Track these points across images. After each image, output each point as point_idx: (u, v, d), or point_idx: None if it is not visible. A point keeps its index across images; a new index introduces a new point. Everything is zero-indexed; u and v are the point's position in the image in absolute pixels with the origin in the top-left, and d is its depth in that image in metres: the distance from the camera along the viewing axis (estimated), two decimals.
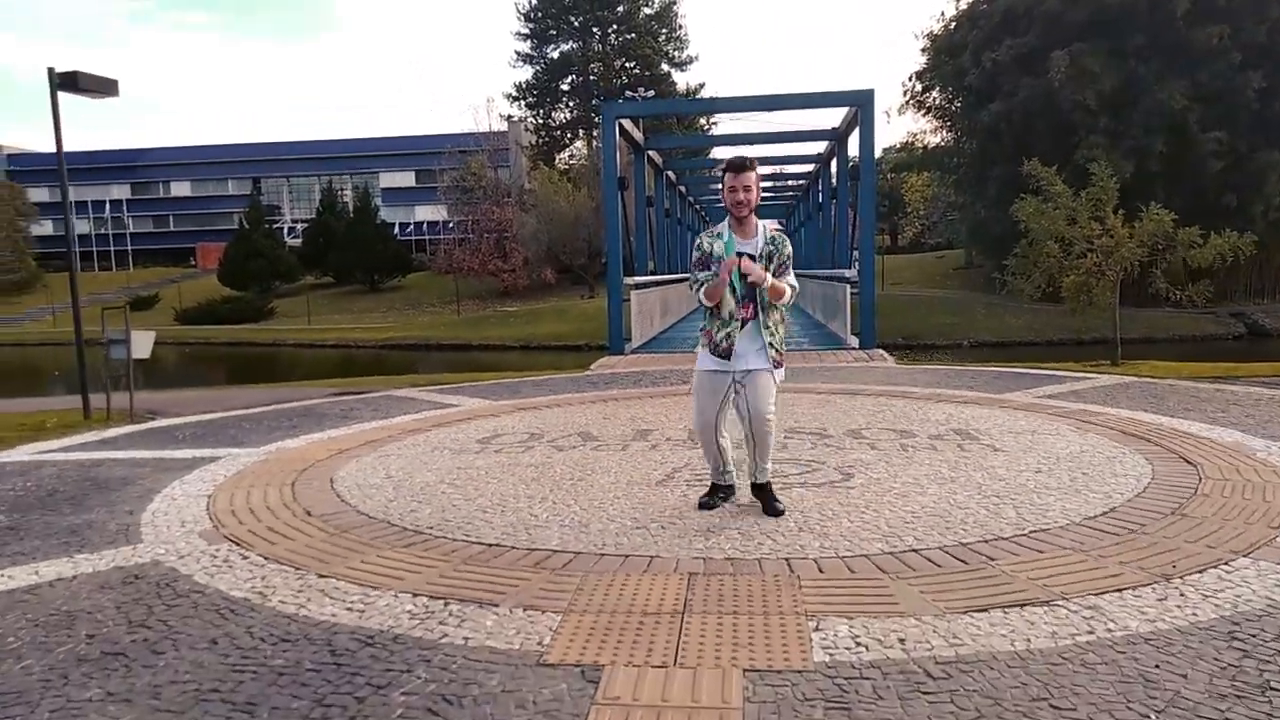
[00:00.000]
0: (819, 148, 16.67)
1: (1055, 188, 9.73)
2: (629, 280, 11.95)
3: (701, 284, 3.91)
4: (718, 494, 4.14)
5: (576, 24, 58.69)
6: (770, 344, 3.92)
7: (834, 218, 15.67)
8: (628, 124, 12.38)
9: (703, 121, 54.83)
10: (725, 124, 42.23)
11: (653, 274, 16.91)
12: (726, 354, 3.89)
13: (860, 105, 11.22)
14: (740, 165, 3.86)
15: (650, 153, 15.32)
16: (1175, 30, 30.30)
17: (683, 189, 22.16)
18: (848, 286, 11.64)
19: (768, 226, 4.04)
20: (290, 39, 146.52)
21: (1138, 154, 31.11)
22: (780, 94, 11.77)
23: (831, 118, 13.39)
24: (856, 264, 12.66)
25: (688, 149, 52.31)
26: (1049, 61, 30.84)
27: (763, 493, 4.08)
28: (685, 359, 11.18)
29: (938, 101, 41.68)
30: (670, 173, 18.95)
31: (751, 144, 15.36)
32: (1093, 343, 29.70)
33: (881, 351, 11.06)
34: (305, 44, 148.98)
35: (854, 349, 11.42)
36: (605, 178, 11.60)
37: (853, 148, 14.77)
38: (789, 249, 4.01)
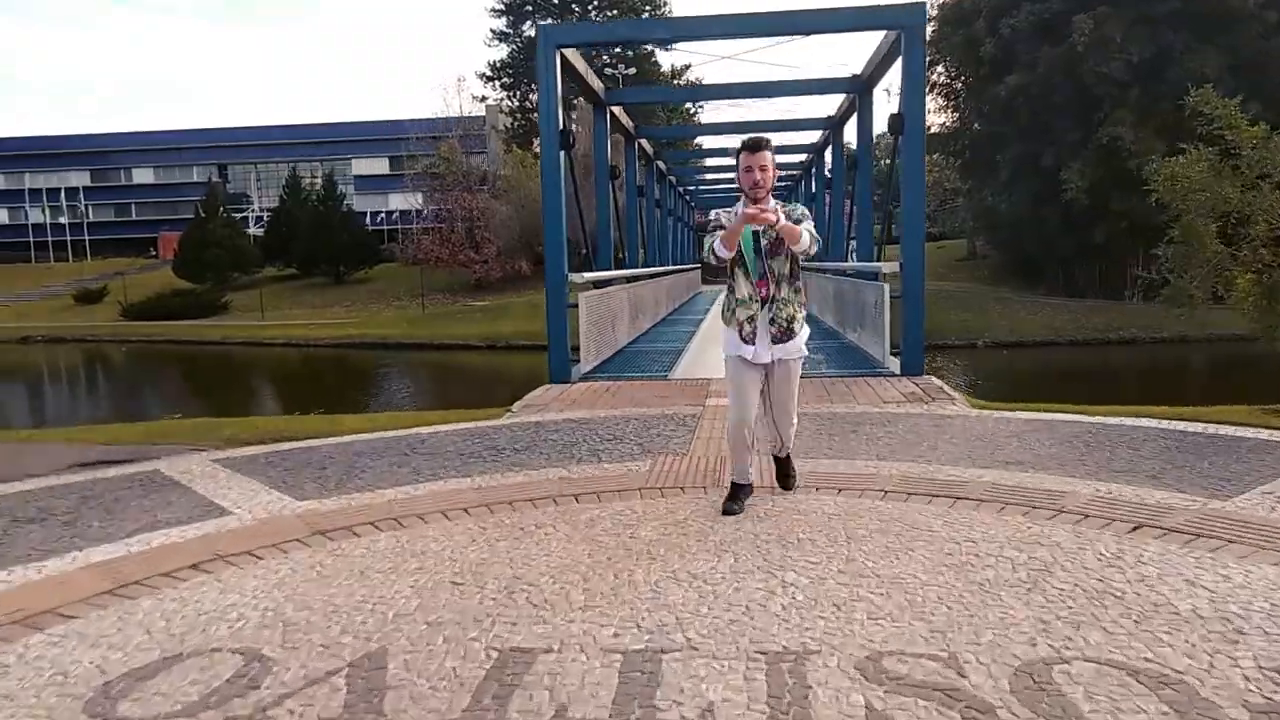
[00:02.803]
0: (833, 105, 13.15)
1: (1244, 134, 6.33)
2: (579, 277, 8.51)
3: (715, 239, 3.80)
4: (741, 495, 3.97)
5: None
6: (793, 319, 3.88)
7: (851, 195, 12.17)
8: (575, 59, 8.91)
9: (689, 106, 51.60)
10: (720, 74, 38.45)
11: (621, 267, 13.49)
12: (751, 338, 3.86)
13: (904, 29, 7.81)
14: (756, 144, 3.75)
15: (614, 109, 11.82)
16: None
17: (661, 165, 18.63)
18: (885, 287, 8.25)
19: (788, 209, 3.80)
20: (257, 21, 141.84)
21: (1169, 131, 27.89)
22: (792, 11, 8.29)
23: (853, 60, 10.02)
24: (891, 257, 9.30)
25: (666, 106, 48.49)
26: (1071, 26, 27.54)
27: (783, 461, 4.26)
28: (658, 390, 7.78)
29: (943, 78, 38.45)
30: (645, 141, 15.45)
31: (751, 96, 11.92)
32: (1122, 343, 26.51)
33: (937, 383, 7.67)
34: (276, 26, 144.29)
35: (894, 375, 8.03)
36: (543, 133, 8.17)
37: (877, 107, 11.38)
38: (804, 209, 3.89)
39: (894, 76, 8.81)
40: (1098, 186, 28.63)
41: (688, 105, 51.99)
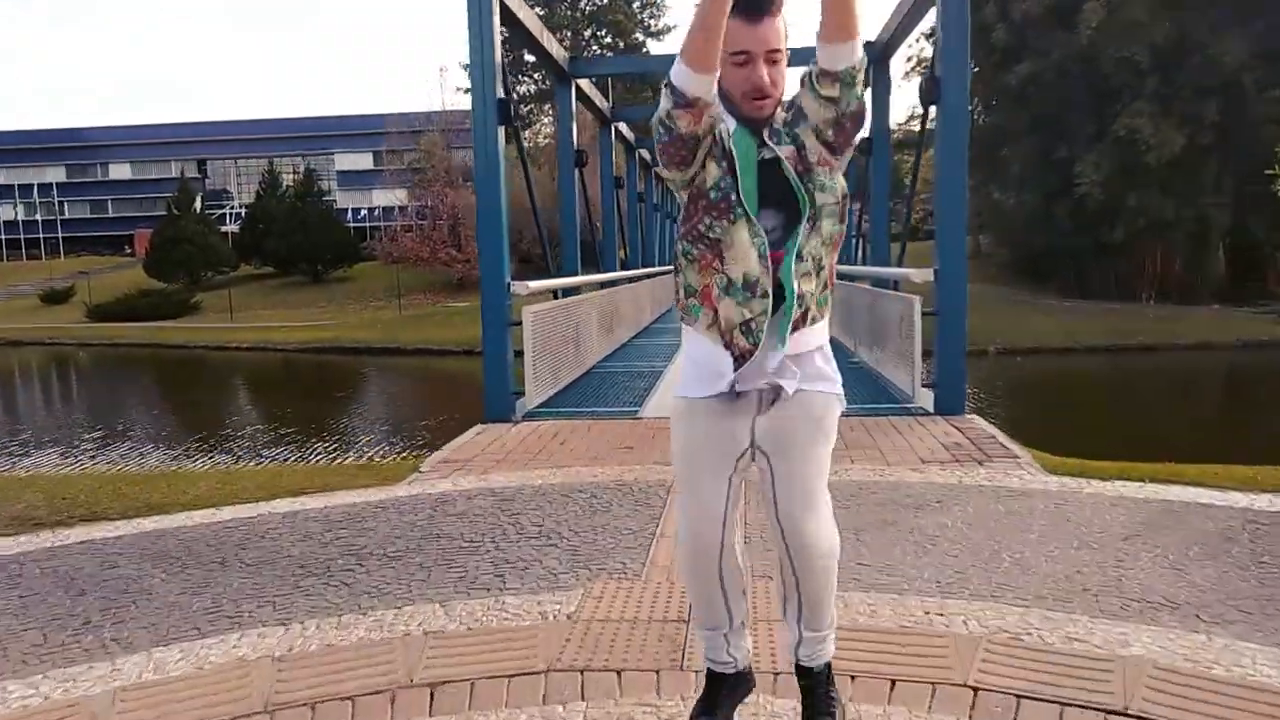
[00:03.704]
0: None
1: None
2: (523, 286, 6.69)
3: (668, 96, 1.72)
4: (723, 703, 2.01)
5: None
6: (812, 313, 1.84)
7: (864, 188, 10.23)
8: (522, 12, 7.01)
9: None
10: None
11: (597, 269, 11.67)
12: (745, 355, 1.80)
13: None
14: (758, 4, 1.69)
15: (581, 83, 9.93)
16: None
17: (645, 154, 16.68)
18: (917, 300, 6.44)
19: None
20: (249, 20, 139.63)
21: (1190, 123, 26.18)
22: None
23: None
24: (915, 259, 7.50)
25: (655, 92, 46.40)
26: (1081, 14, 25.82)
27: (813, 684, 1.99)
28: (621, 435, 5.98)
29: None
30: (623, 125, 13.59)
31: None
32: (1141, 349, 24.70)
33: (987, 428, 5.87)
34: (271, 24, 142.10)
35: (926, 413, 6.23)
36: (475, 102, 6.33)
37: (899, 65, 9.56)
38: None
39: (899, 65, 6.94)
40: (1113, 181, 26.95)
41: None
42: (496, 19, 6.35)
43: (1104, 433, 11.83)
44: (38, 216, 72.76)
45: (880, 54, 8.96)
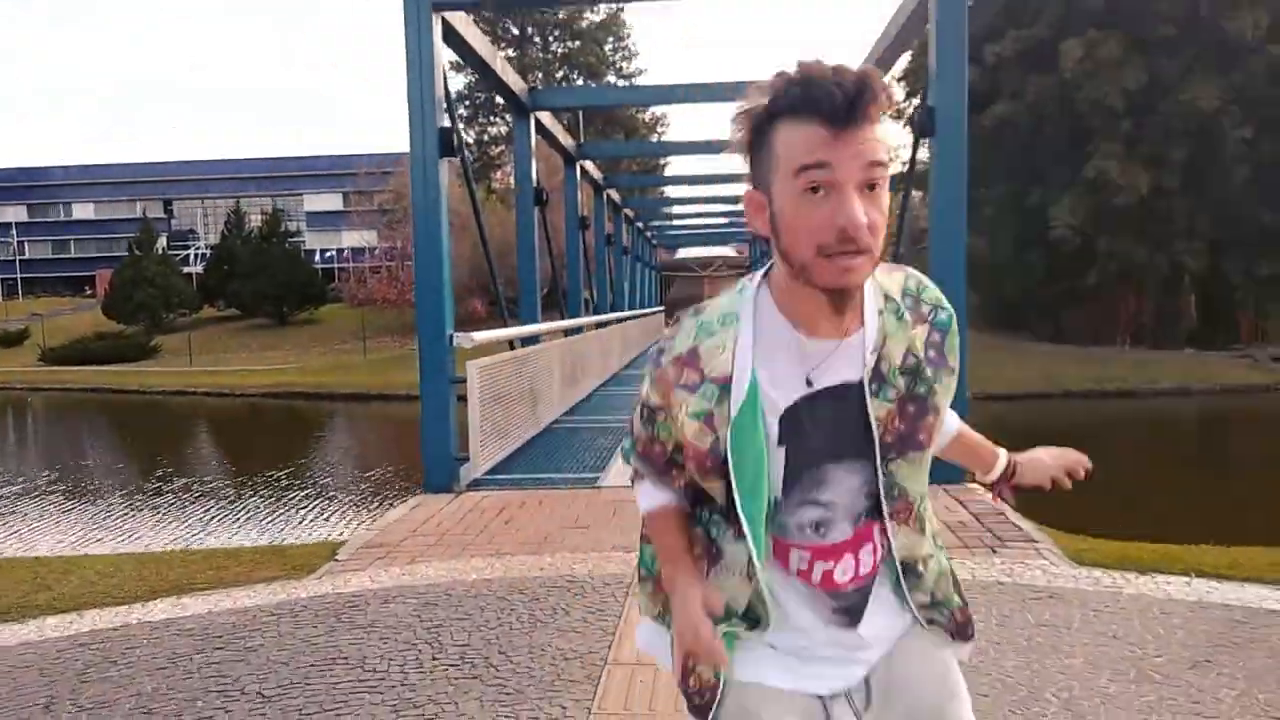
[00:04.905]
0: None
1: None
2: (466, 338, 5.93)
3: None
4: None
5: (514, 30, 53.08)
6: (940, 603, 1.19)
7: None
8: (468, 32, 6.29)
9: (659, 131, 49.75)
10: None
11: (563, 315, 10.94)
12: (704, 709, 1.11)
13: None
14: (846, 105, 0.92)
15: (544, 119, 9.18)
16: (1205, 19, 25.45)
17: (614, 194, 15.90)
18: None
19: (897, 279, 1.11)
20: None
21: (1157, 165, 26.14)
22: None
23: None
24: None
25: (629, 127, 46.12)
26: (1061, 52, 25.85)
27: None
28: (577, 510, 5.21)
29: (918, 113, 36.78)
30: (591, 164, 12.89)
31: (714, 100, 9.30)
32: (1121, 395, 24.28)
33: (993, 501, 5.13)
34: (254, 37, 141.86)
35: None
36: (413, 129, 5.62)
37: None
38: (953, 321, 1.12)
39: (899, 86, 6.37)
40: (1087, 225, 26.83)
41: (652, 137, 50.03)
42: (437, 36, 5.65)
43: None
44: None
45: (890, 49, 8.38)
